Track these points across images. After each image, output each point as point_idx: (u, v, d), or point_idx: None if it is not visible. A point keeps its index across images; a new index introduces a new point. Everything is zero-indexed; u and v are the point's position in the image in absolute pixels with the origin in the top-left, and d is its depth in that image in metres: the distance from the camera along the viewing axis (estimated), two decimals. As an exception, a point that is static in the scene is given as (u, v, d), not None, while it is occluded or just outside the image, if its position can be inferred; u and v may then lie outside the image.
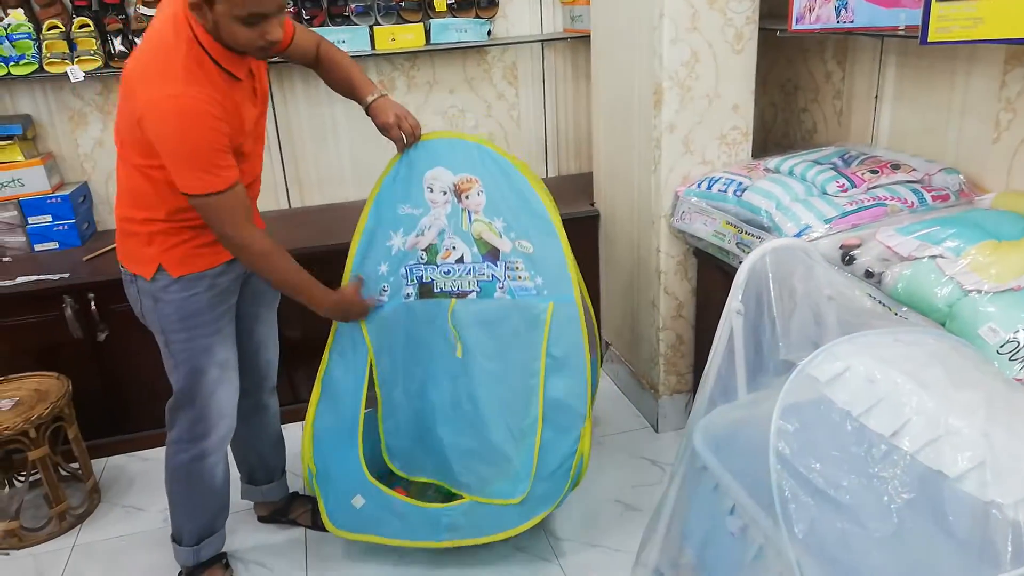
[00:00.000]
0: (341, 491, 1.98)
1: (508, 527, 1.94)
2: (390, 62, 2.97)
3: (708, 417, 1.48)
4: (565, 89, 3.20)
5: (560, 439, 1.90)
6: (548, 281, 1.92)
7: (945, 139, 2.02)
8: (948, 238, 1.56)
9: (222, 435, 1.88)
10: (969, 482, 1.00)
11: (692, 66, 2.18)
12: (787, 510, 1.10)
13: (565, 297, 1.90)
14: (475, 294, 1.99)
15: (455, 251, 1.98)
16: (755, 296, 1.45)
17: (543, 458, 1.89)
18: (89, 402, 2.52)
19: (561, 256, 1.91)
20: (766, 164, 2.19)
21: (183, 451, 1.86)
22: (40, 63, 2.56)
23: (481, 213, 1.94)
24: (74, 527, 2.33)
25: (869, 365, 1.19)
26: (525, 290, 1.94)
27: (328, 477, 1.98)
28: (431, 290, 2.01)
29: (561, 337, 1.89)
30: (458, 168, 1.92)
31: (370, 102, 1.86)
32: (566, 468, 1.91)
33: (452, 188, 1.94)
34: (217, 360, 1.81)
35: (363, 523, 1.99)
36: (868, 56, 2.26)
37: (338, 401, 1.97)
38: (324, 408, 1.98)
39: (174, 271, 1.72)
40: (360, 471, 1.95)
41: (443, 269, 1.99)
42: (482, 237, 1.96)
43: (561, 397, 1.90)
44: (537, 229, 1.91)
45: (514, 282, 1.95)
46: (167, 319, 1.75)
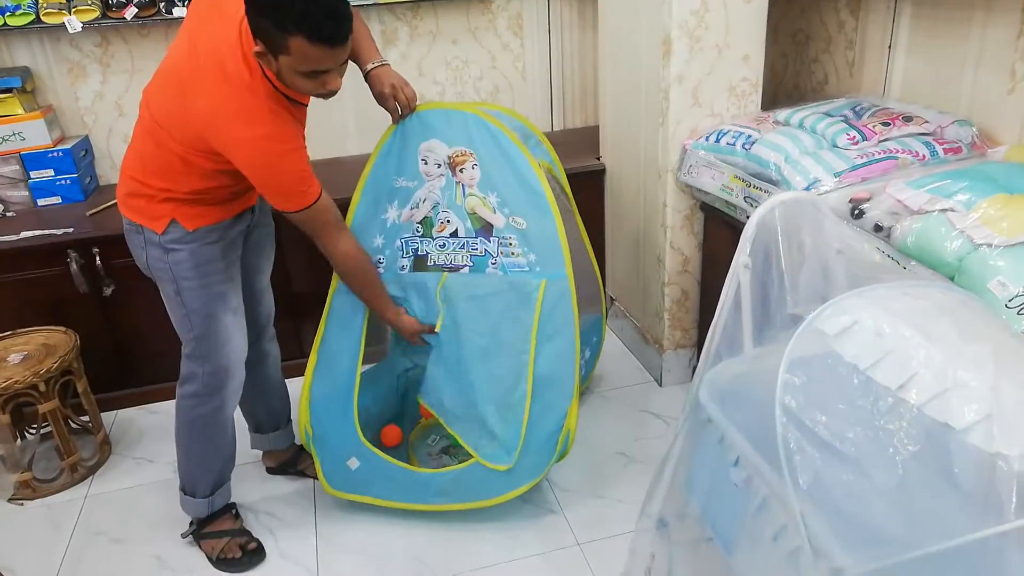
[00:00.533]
0: (337, 453, 2.01)
1: (495, 495, 1.98)
2: (392, 12, 2.91)
3: (714, 370, 1.48)
4: (571, 40, 3.13)
5: (547, 415, 1.93)
6: (541, 258, 1.92)
7: (959, 90, 1.98)
8: (959, 191, 1.54)
9: (238, 383, 1.91)
10: (975, 434, 1.00)
11: (702, 15, 2.13)
12: (792, 462, 1.11)
13: (558, 274, 1.90)
14: (468, 269, 2.00)
15: (449, 225, 1.99)
16: (763, 250, 1.43)
17: (531, 433, 1.91)
18: (98, 356, 2.54)
19: (555, 232, 1.90)
20: (776, 116, 2.16)
21: (202, 404, 1.88)
22: (37, 13, 2.51)
23: (475, 187, 1.94)
24: (86, 478, 2.37)
25: (877, 319, 1.18)
26: (518, 266, 1.95)
27: (324, 440, 2.01)
28: (425, 263, 2.03)
29: (553, 314, 1.90)
30: (452, 141, 1.92)
31: (369, 69, 1.86)
32: (552, 443, 1.94)
33: (446, 161, 1.94)
34: (231, 306, 1.84)
35: (357, 484, 2.03)
36: (883, 5, 2.20)
37: (334, 368, 1.99)
38: (320, 374, 2.00)
39: (189, 224, 1.74)
40: (355, 435, 1.98)
41: (438, 243, 2.01)
42: (476, 212, 1.96)
43: (550, 374, 1.91)
44: (531, 205, 1.90)
45: (507, 258, 1.95)
46: (181, 267, 1.76)
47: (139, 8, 2.56)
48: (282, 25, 1.44)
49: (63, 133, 2.78)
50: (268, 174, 1.63)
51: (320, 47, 1.47)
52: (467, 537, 2.03)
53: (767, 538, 1.21)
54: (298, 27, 1.44)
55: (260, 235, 2.00)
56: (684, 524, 1.57)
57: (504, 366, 1.94)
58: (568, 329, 1.91)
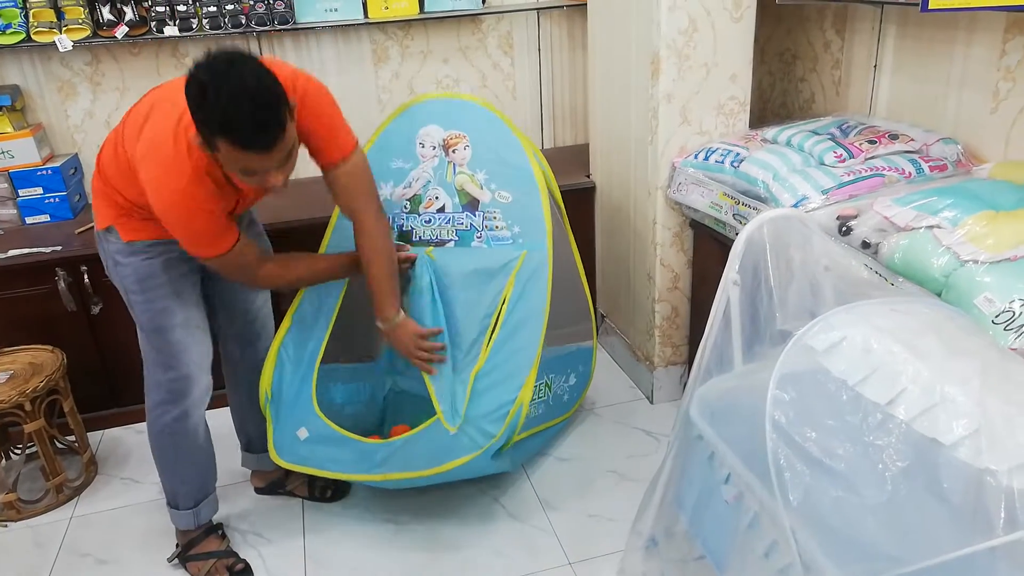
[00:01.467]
0: (290, 420, 2.00)
1: (436, 464, 1.90)
2: (383, 31, 2.92)
3: (704, 387, 1.49)
4: (561, 59, 3.16)
5: (502, 384, 1.91)
6: (524, 230, 2.01)
7: (944, 109, 2.01)
8: (945, 208, 1.55)
9: (202, 389, 1.88)
10: (963, 449, 1.01)
11: (690, 34, 2.16)
12: (782, 478, 1.11)
13: (538, 244, 1.98)
14: (453, 243, 2.07)
15: (437, 201, 2.08)
16: (752, 267, 1.44)
17: (480, 396, 1.90)
18: (84, 375, 2.52)
19: (539, 205, 1.99)
20: (764, 134, 2.18)
21: (166, 412, 1.86)
22: (28, 32, 2.51)
23: (465, 166, 2.03)
24: (71, 499, 2.34)
25: (865, 335, 1.19)
26: (501, 239, 2.02)
27: (280, 404, 2.01)
28: (409, 238, 2.11)
29: (527, 285, 1.96)
30: (449, 125, 2.03)
31: (384, 329, 1.92)
32: (502, 414, 1.88)
33: (441, 143, 2.04)
34: (177, 321, 1.82)
35: (304, 455, 2.01)
36: (867, 25, 2.24)
37: (304, 334, 2.02)
38: (290, 339, 2.02)
39: (124, 235, 1.76)
40: (310, 403, 1.99)
41: (424, 218, 2.09)
42: (464, 188, 2.05)
43: (512, 341, 1.93)
44: (519, 180, 2.01)
45: (491, 231, 2.03)
46: (127, 280, 1.80)
47: (130, 27, 2.56)
48: (208, 126, 1.45)
49: (52, 151, 2.78)
50: (175, 222, 1.62)
51: (246, 152, 1.47)
52: (457, 556, 2.01)
53: (758, 555, 1.21)
54: (222, 132, 1.44)
55: None
56: (675, 542, 1.57)
57: (466, 326, 1.97)
58: (539, 299, 1.95)
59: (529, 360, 1.92)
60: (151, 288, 1.78)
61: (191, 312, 1.85)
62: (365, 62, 2.96)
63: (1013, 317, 1.34)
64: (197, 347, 1.86)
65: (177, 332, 1.82)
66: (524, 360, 1.92)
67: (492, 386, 1.91)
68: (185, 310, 1.84)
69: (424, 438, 1.92)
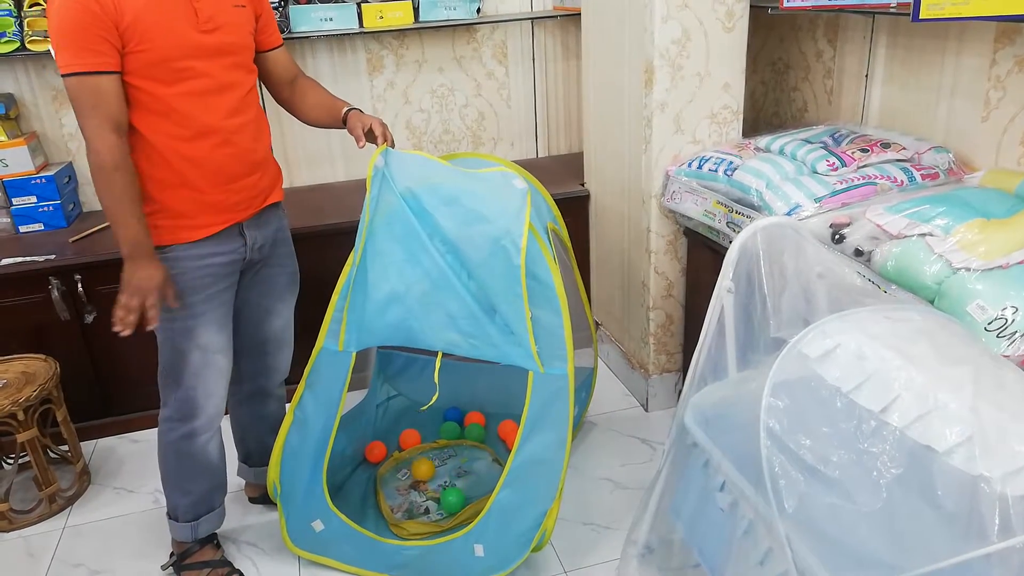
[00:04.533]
0: (303, 513, 1.96)
1: None
2: (378, 40, 2.93)
3: (699, 394, 1.49)
4: (555, 68, 3.17)
5: (528, 507, 1.82)
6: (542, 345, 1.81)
7: (935, 118, 2.02)
8: (937, 216, 1.56)
9: (211, 415, 1.86)
10: (957, 456, 1.01)
11: (683, 44, 2.17)
12: (777, 486, 1.11)
13: (558, 367, 1.80)
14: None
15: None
16: (746, 274, 1.45)
17: (504, 515, 1.82)
18: (78, 384, 2.51)
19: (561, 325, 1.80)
20: (756, 143, 2.19)
21: (173, 429, 1.85)
22: (22, 41, 2.51)
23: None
24: (64, 509, 2.33)
25: (859, 342, 1.19)
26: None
27: (291, 497, 1.95)
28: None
29: (546, 408, 1.79)
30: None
31: (348, 110, 1.89)
32: (528, 538, 1.84)
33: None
34: (198, 343, 1.78)
35: (320, 546, 1.98)
36: (859, 35, 2.25)
37: (308, 430, 1.90)
38: (294, 435, 1.92)
39: (156, 238, 1.70)
40: (322, 498, 1.92)
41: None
42: None
43: (536, 469, 1.81)
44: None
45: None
46: None
47: (125, 36, 2.56)
48: None
49: (47, 159, 2.77)
50: (53, 15, 1.53)
51: None
52: (453, 566, 2.00)
53: (753, 563, 1.21)
54: None
55: (270, 274, 1.94)
56: (670, 550, 1.57)
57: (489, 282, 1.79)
58: (562, 429, 1.80)
59: (553, 488, 1.83)
60: (173, 308, 1.74)
61: (212, 337, 1.80)
62: (360, 71, 2.96)
63: (1005, 324, 1.34)
64: (212, 374, 1.82)
65: (194, 355, 1.78)
66: (548, 489, 1.82)
67: (519, 507, 1.83)
68: (208, 333, 1.79)
69: (447, 552, 1.88)
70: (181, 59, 1.62)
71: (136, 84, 1.60)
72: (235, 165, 1.75)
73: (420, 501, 2.20)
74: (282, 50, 1.90)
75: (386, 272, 1.80)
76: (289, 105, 1.97)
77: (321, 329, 1.87)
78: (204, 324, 1.78)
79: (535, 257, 1.76)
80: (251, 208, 1.82)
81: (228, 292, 1.84)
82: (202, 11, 1.64)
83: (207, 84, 1.66)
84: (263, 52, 1.85)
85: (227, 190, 1.75)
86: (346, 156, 3.05)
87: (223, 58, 1.69)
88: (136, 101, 1.62)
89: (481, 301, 1.78)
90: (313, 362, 1.88)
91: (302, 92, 1.95)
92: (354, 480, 2.28)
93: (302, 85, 1.96)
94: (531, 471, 1.82)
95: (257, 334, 1.99)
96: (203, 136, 1.68)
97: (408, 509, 2.17)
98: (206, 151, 1.69)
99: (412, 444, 2.41)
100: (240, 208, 1.79)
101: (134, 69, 1.59)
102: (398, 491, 2.25)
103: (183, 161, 1.67)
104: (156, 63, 1.59)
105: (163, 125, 1.64)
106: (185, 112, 1.65)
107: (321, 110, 1.93)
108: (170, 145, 1.66)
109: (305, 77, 1.98)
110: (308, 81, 1.97)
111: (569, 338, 1.78)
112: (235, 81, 1.72)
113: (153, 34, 1.57)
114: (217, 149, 1.70)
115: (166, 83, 1.61)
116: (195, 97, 1.65)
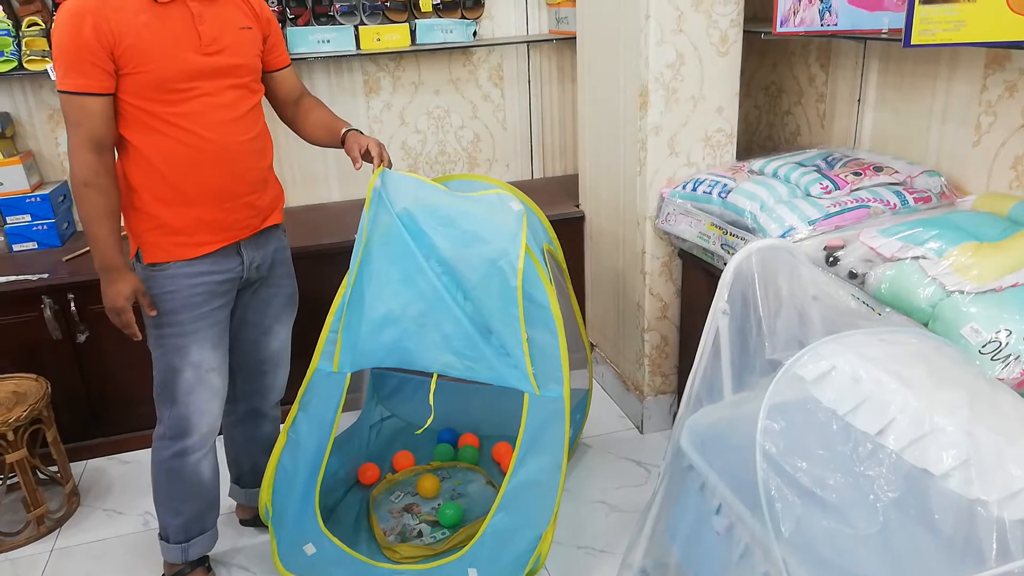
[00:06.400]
0: (294, 536, 1.93)
1: None
2: (375, 62, 2.95)
3: (694, 416, 1.48)
4: (550, 91, 3.20)
5: (522, 531, 1.80)
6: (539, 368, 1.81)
7: (927, 142, 2.04)
8: (930, 239, 1.57)
9: (204, 433, 1.84)
10: (954, 480, 1.01)
11: (677, 68, 2.19)
12: (773, 509, 1.11)
13: (553, 389, 1.80)
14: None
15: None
16: (741, 296, 1.45)
17: (499, 538, 1.80)
18: (68, 404, 2.48)
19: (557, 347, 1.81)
20: (750, 166, 2.20)
21: (166, 447, 1.83)
22: (20, 60, 2.52)
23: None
24: (52, 531, 2.29)
25: (854, 364, 1.19)
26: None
27: (283, 520, 1.92)
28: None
29: (542, 431, 1.78)
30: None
31: (347, 131, 1.89)
32: (523, 561, 1.82)
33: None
34: (191, 361, 1.77)
35: (312, 569, 1.93)
36: (851, 60, 2.28)
37: (301, 452, 1.88)
38: (287, 457, 1.90)
39: (146, 256, 1.72)
40: (315, 521, 1.90)
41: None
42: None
43: (530, 491, 1.79)
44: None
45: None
46: (145, 314, 1.76)
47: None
48: None
49: (42, 178, 2.77)
50: (56, 34, 1.58)
51: None
52: (446, 589, 1.98)
53: (750, 587, 1.20)
54: None
55: (269, 295, 1.94)
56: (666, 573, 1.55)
57: (485, 305, 1.78)
58: (557, 453, 1.79)
59: (548, 511, 1.82)
60: (167, 324, 1.75)
61: (206, 355, 1.80)
62: (357, 92, 2.98)
63: (1000, 347, 1.35)
64: (204, 393, 1.81)
65: (187, 372, 1.78)
66: (543, 512, 1.81)
67: (513, 531, 1.81)
68: (200, 351, 1.78)
69: (436, 574, 1.86)
70: (182, 80, 1.63)
71: (135, 103, 1.62)
72: (236, 183, 1.75)
73: (413, 524, 2.18)
74: (290, 70, 1.93)
75: (382, 293, 1.80)
76: (292, 124, 1.99)
77: (316, 350, 1.86)
78: (197, 342, 1.78)
79: (531, 279, 1.76)
80: (250, 228, 1.82)
81: (223, 311, 1.83)
82: (205, 33, 1.65)
83: (210, 103, 1.67)
84: (270, 72, 1.87)
85: (226, 208, 1.75)
86: (342, 176, 3.06)
87: (226, 78, 1.70)
88: (134, 119, 1.64)
89: (477, 322, 1.78)
90: (307, 383, 1.87)
91: (305, 111, 1.97)
92: (347, 502, 2.26)
93: (306, 104, 1.98)
94: (526, 494, 1.80)
95: (254, 354, 1.98)
96: (204, 154, 1.68)
97: (401, 532, 2.15)
98: (206, 169, 1.69)
99: (406, 466, 2.39)
100: (239, 226, 1.79)
101: (133, 89, 1.61)
102: (391, 514, 2.23)
103: (182, 178, 1.68)
104: (155, 84, 1.61)
105: (163, 143, 1.65)
106: (187, 129, 1.66)
107: (321, 129, 1.94)
108: (169, 162, 1.66)
109: (309, 96, 1.99)
110: (312, 100, 1.99)
111: (565, 360, 1.77)
112: (239, 100, 1.73)
113: (152, 56, 1.59)
114: (218, 167, 1.70)
115: (167, 103, 1.63)
116: (197, 116, 1.66)
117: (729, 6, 2.17)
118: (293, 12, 2.74)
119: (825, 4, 1.95)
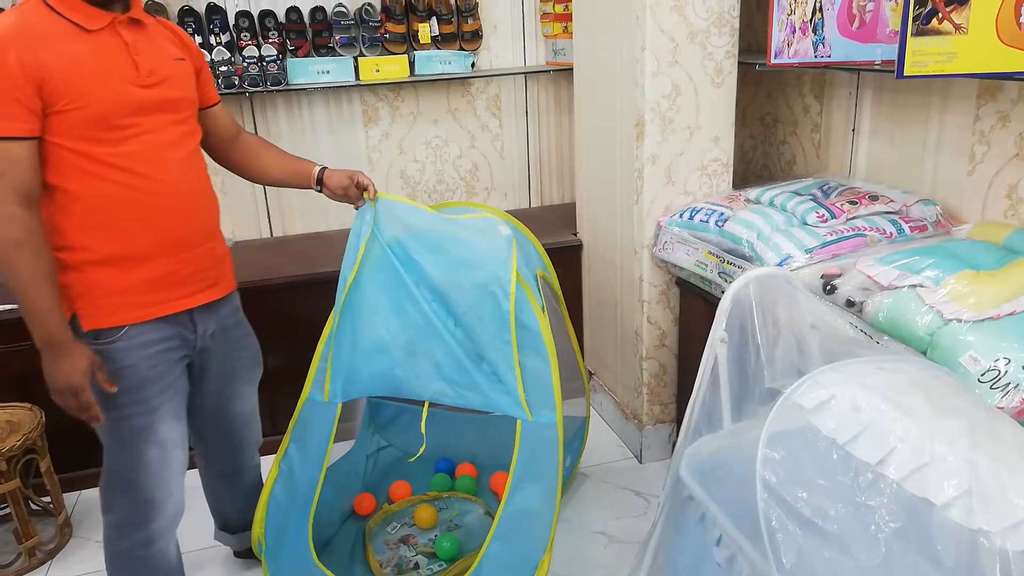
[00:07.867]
0: (288, 570, 1.88)
1: None
2: (374, 93, 2.98)
3: (694, 446, 1.47)
4: (548, 121, 3.23)
5: (520, 561, 1.77)
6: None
7: (921, 171, 2.06)
8: (927, 268, 1.57)
9: (170, 515, 1.69)
10: (956, 510, 1.00)
11: (673, 99, 2.21)
12: (774, 540, 1.10)
13: (546, 415, 1.77)
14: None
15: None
16: (739, 324, 1.45)
17: (493, 563, 1.75)
18: (62, 434, 2.46)
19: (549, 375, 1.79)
20: (747, 195, 2.22)
21: (125, 536, 1.66)
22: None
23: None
24: (44, 563, 2.26)
25: (854, 393, 1.19)
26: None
27: (277, 554, 1.88)
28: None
29: (535, 457, 1.76)
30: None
31: (320, 169, 1.85)
32: None
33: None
34: (157, 440, 1.60)
35: None
36: (845, 91, 2.31)
37: (294, 484, 1.86)
38: (280, 489, 1.86)
39: (85, 323, 1.50)
40: (308, 556, 1.85)
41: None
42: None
43: (526, 520, 1.76)
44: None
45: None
46: (97, 393, 1.52)
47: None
48: None
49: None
50: None
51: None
52: (443, 623, 1.95)
53: (752, 620, 1.18)
54: None
55: (230, 361, 1.81)
56: (666, 606, 1.53)
57: (478, 329, 1.77)
58: (551, 482, 1.77)
59: (544, 540, 1.78)
60: (127, 404, 1.55)
61: (171, 430, 1.63)
62: (356, 123, 3.01)
63: (999, 376, 1.34)
64: (170, 470, 1.64)
65: (151, 453, 1.59)
66: (539, 541, 1.77)
67: (509, 560, 1.77)
68: (165, 427, 1.61)
69: None
70: (122, 116, 1.47)
71: (68, 145, 1.44)
72: (193, 230, 1.61)
73: (410, 556, 2.15)
74: (221, 106, 1.80)
75: (372, 321, 1.80)
76: (235, 163, 1.86)
77: (307, 379, 1.84)
78: (162, 418, 1.60)
79: (522, 305, 1.76)
80: (202, 291, 1.66)
81: (182, 379, 1.68)
82: (143, 64, 1.50)
83: (152, 141, 1.52)
84: (204, 108, 1.74)
85: (183, 258, 1.60)
86: (340, 204, 3.06)
87: (168, 113, 1.56)
88: (68, 164, 1.45)
89: (468, 349, 1.77)
90: (298, 413, 1.85)
91: (250, 150, 1.86)
92: (342, 534, 2.23)
93: (248, 142, 1.87)
94: (521, 522, 1.78)
95: (223, 420, 1.89)
96: (158, 198, 1.53)
97: (397, 564, 2.12)
98: (163, 215, 1.54)
99: (402, 496, 2.37)
100: (195, 281, 1.63)
101: (65, 130, 1.43)
102: (387, 545, 2.20)
103: (133, 228, 1.51)
104: (93, 121, 1.44)
105: (106, 189, 1.48)
106: (134, 172, 1.50)
107: (282, 171, 1.87)
108: (115, 211, 1.49)
109: (248, 134, 1.89)
110: (256, 139, 1.90)
111: (557, 386, 1.77)
112: (183, 138, 1.60)
113: (87, 90, 1.42)
114: (174, 212, 1.56)
115: (107, 142, 1.46)
116: (142, 156, 1.50)
117: (724, 38, 2.20)
118: (293, 44, 2.77)
119: (819, 36, 1.98)
